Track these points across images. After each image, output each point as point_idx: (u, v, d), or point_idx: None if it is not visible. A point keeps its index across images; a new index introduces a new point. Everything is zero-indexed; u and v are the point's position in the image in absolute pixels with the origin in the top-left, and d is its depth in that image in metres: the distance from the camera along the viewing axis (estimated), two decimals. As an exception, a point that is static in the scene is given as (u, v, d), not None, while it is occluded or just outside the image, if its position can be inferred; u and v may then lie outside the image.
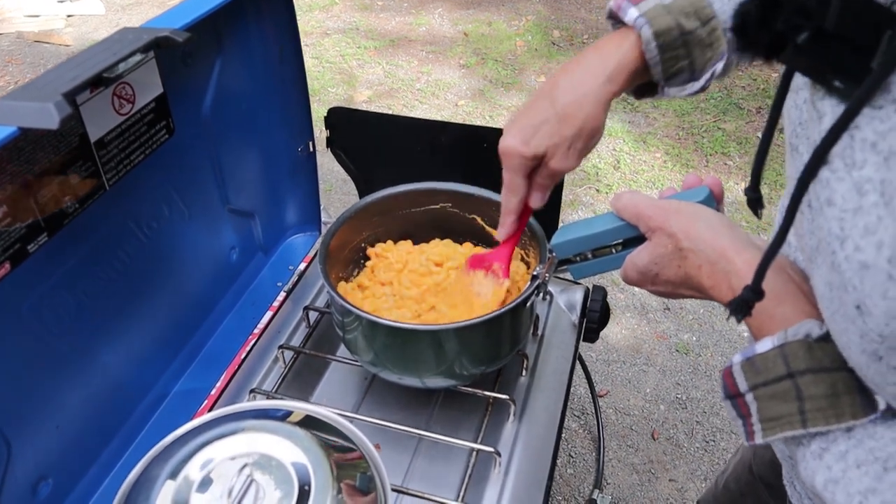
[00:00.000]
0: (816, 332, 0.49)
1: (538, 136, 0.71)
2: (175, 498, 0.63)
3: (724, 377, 0.55)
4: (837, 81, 0.42)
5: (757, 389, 0.51)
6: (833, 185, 0.41)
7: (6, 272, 0.66)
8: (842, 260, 0.41)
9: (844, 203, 0.41)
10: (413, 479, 0.86)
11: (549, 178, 0.77)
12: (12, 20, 4.26)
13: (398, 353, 0.85)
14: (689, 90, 0.73)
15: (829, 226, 0.42)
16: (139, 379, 0.90)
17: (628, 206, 0.64)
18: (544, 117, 0.71)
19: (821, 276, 0.45)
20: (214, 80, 0.91)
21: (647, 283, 0.64)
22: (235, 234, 1.06)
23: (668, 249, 0.60)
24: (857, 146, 0.40)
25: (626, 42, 0.69)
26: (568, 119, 0.71)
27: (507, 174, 0.76)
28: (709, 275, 0.57)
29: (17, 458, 0.72)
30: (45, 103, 0.56)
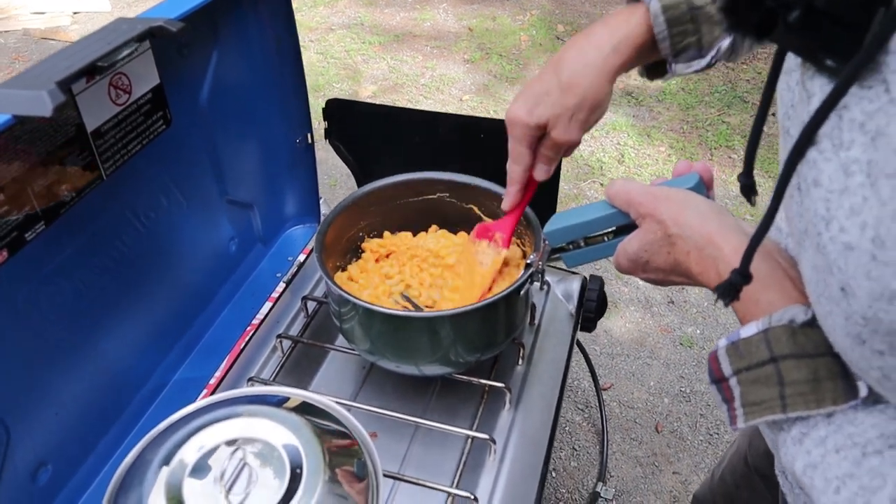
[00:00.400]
0: (801, 318, 0.49)
1: (541, 105, 0.72)
2: (168, 483, 0.64)
3: (709, 361, 0.55)
4: (829, 60, 0.40)
5: (740, 374, 0.52)
6: (820, 165, 0.41)
7: (3, 260, 0.67)
8: (827, 241, 0.40)
9: (831, 184, 0.40)
10: (409, 466, 0.86)
11: (552, 149, 0.77)
12: (18, 17, 4.29)
13: (394, 340, 0.85)
14: (696, 67, 0.73)
15: (816, 207, 0.41)
16: (138, 368, 0.91)
17: (620, 193, 0.65)
18: (548, 87, 0.72)
19: (807, 259, 0.45)
20: (211, 71, 0.92)
21: (639, 271, 0.64)
22: (234, 225, 1.07)
23: (658, 236, 0.60)
24: (844, 126, 0.39)
25: (635, 16, 0.70)
26: (571, 89, 0.71)
27: (512, 143, 0.77)
28: (697, 261, 0.58)
29: (16, 445, 0.73)
30: (38, 91, 0.57)
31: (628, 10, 0.71)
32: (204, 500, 0.62)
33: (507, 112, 0.75)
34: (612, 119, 3.22)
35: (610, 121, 3.21)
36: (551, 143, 0.76)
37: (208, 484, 0.63)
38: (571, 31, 4.00)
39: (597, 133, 3.13)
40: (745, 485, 1.12)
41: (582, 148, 3.04)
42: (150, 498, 0.63)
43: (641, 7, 0.70)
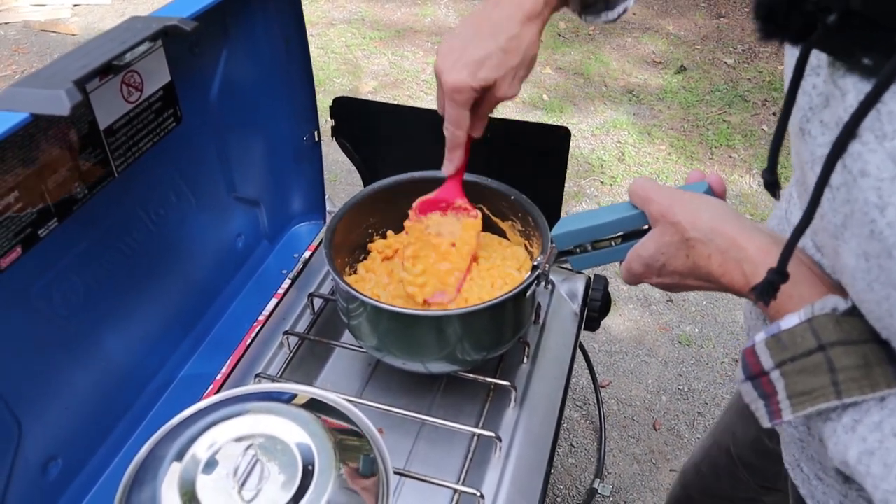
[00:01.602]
0: (843, 307, 0.50)
1: (484, 69, 0.76)
2: (181, 478, 0.65)
3: (745, 357, 0.54)
4: (866, 59, 0.42)
5: (784, 365, 0.51)
6: (866, 156, 0.42)
7: (18, 256, 0.68)
8: (884, 227, 0.42)
9: (880, 172, 0.41)
10: (415, 463, 0.87)
11: (491, 107, 0.82)
12: (19, 9, 4.27)
13: (402, 338, 0.86)
14: (604, 19, 0.82)
15: (866, 196, 0.43)
16: (146, 363, 0.92)
17: (639, 190, 0.64)
18: (488, 52, 0.76)
19: (851, 249, 0.46)
20: (221, 70, 0.92)
21: (653, 275, 0.64)
22: (241, 222, 1.08)
23: (675, 239, 0.60)
24: (884, 119, 0.41)
25: None
26: (512, 51, 0.76)
27: (454, 109, 0.79)
28: (720, 263, 0.58)
29: (27, 439, 0.74)
30: (56, 90, 0.58)
31: None
32: (217, 495, 0.63)
33: (449, 79, 0.76)
34: (613, 117, 3.23)
35: (611, 119, 3.22)
36: (493, 102, 0.81)
37: (221, 479, 0.64)
38: (573, 28, 4.00)
39: (597, 131, 3.14)
40: (727, 475, 1.14)
41: (582, 146, 3.05)
42: (163, 493, 0.63)
43: None
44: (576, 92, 3.45)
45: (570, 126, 1.17)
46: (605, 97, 3.40)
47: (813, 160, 0.52)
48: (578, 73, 3.60)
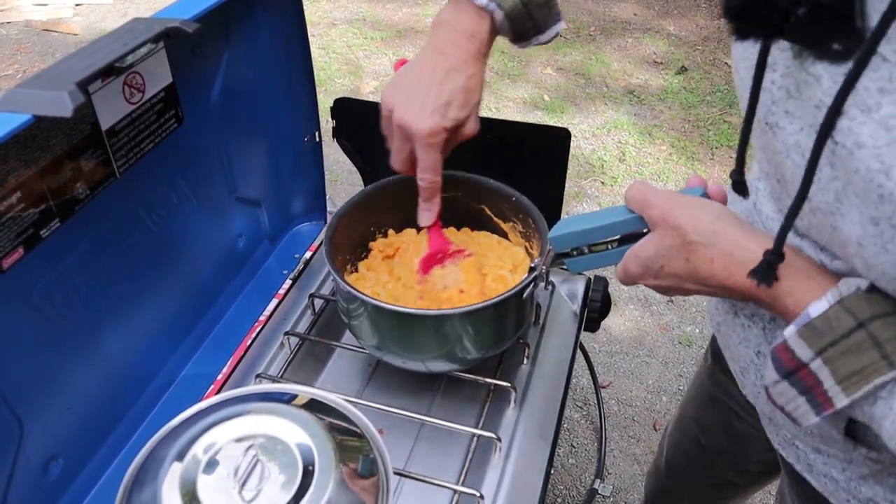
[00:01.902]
0: (865, 285, 0.51)
1: (452, 109, 0.79)
2: (182, 478, 0.65)
3: (777, 354, 0.54)
4: (836, 45, 0.46)
5: (825, 352, 0.51)
6: (856, 129, 0.46)
7: (20, 256, 0.68)
8: (893, 188, 0.45)
9: (876, 141, 0.45)
10: (415, 464, 0.88)
11: (456, 143, 0.84)
12: (21, 8, 4.28)
13: (402, 336, 0.87)
14: (536, 42, 0.85)
15: (868, 164, 0.46)
16: (147, 363, 0.92)
17: (635, 195, 0.65)
18: (452, 93, 0.79)
19: (854, 220, 0.49)
20: (223, 71, 0.93)
21: (650, 277, 0.64)
22: (242, 223, 1.08)
23: (676, 242, 0.60)
24: (863, 94, 0.45)
25: (484, 23, 0.79)
26: (472, 89, 0.80)
27: (429, 155, 0.81)
28: (723, 266, 0.58)
29: (28, 438, 0.74)
30: (58, 92, 0.58)
31: (476, 18, 0.79)
32: (217, 495, 0.63)
33: (422, 126, 0.78)
34: (614, 118, 3.23)
35: (612, 119, 3.22)
36: (457, 141, 0.83)
37: (221, 479, 0.64)
38: (574, 28, 4.01)
39: (598, 132, 3.14)
40: (702, 465, 1.18)
41: (583, 146, 3.05)
42: (164, 493, 0.64)
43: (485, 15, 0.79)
44: (577, 92, 3.45)
45: (570, 126, 1.18)
46: (606, 97, 3.40)
47: (787, 149, 0.55)
48: (579, 73, 3.60)
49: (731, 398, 1.06)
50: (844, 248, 0.53)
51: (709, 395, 1.11)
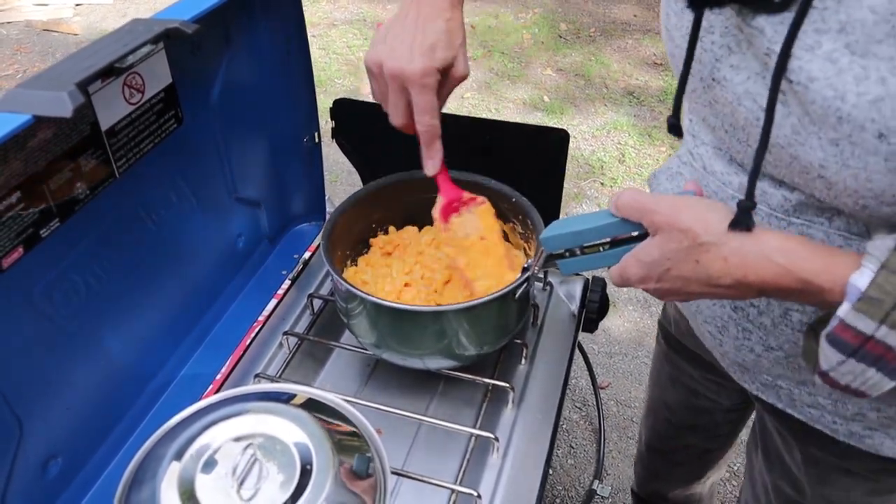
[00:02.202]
0: (892, 243, 0.53)
1: (439, 50, 0.78)
2: (180, 477, 0.65)
3: (837, 335, 0.54)
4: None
5: (888, 317, 0.51)
6: (806, 66, 0.53)
7: (20, 256, 0.68)
8: (850, 108, 0.51)
9: (825, 73, 0.52)
10: (413, 463, 0.88)
11: (450, 90, 0.84)
12: (21, 8, 4.28)
13: (401, 333, 0.87)
14: None
15: (823, 94, 0.52)
16: (146, 362, 0.92)
17: (630, 203, 0.64)
18: (436, 35, 0.78)
19: (813, 145, 0.56)
20: (222, 71, 0.93)
21: (651, 281, 0.64)
22: (242, 223, 1.08)
23: (684, 245, 0.60)
24: (804, 37, 0.53)
25: None
26: (454, 31, 0.80)
27: (424, 97, 0.80)
28: (738, 263, 0.58)
29: (28, 437, 0.74)
30: (58, 92, 0.58)
31: None
32: (216, 494, 0.63)
33: (412, 68, 0.77)
34: (614, 118, 3.24)
35: (611, 120, 3.23)
36: (453, 83, 0.83)
37: (220, 479, 0.64)
38: (574, 29, 4.01)
39: (598, 132, 3.15)
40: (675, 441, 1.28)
41: (583, 147, 3.05)
42: (162, 492, 0.64)
43: None
44: (576, 93, 3.45)
45: (570, 127, 1.18)
46: (606, 99, 3.40)
47: (737, 98, 0.62)
48: (579, 74, 3.60)
49: (687, 376, 1.14)
50: (805, 174, 0.59)
51: (668, 377, 1.19)
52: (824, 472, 0.87)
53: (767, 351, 0.76)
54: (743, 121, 0.63)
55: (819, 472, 0.87)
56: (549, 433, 0.91)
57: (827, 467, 0.86)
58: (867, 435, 0.77)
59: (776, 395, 0.83)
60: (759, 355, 0.77)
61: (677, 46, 0.68)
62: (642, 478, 1.49)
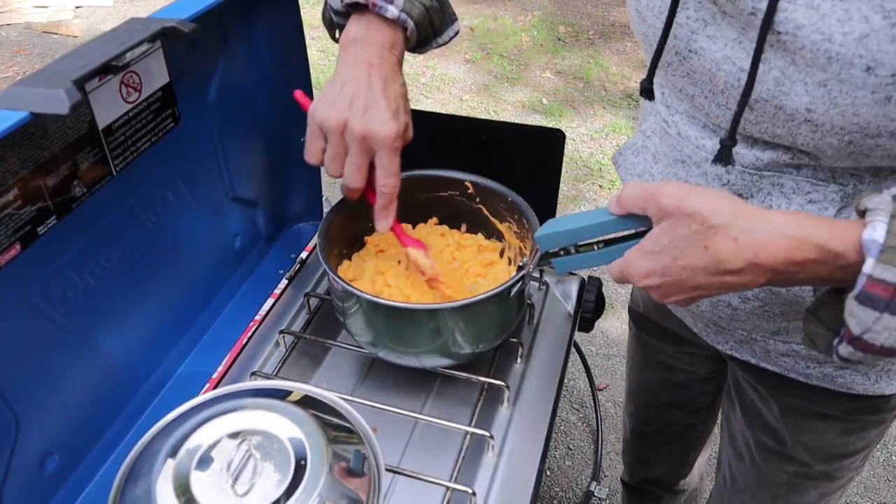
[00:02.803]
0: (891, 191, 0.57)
1: (400, 115, 0.82)
2: (176, 473, 0.66)
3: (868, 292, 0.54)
4: None
5: None
6: (791, 16, 0.57)
7: (16, 253, 0.69)
8: (838, 48, 0.55)
9: (811, 19, 0.56)
10: (408, 461, 0.88)
11: None
12: (21, 10, 4.30)
13: (396, 331, 0.88)
14: (434, 46, 0.90)
15: (811, 38, 0.57)
16: (143, 360, 0.93)
17: (636, 192, 0.64)
18: (396, 100, 0.82)
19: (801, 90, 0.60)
20: (219, 71, 0.93)
21: (656, 275, 0.63)
22: (239, 222, 1.09)
23: (692, 229, 0.59)
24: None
25: (398, 35, 0.83)
26: (405, 96, 0.85)
27: (394, 160, 0.83)
28: (749, 242, 0.58)
29: (24, 434, 0.74)
30: (55, 90, 0.59)
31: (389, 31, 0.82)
32: (210, 490, 0.64)
33: (383, 132, 0.80)
34: (612, 121, 3.24)
35: (609, 123, 3.23)
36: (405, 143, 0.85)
37: (214, 474, 0.65)
38: (573, 32, 4.02)
39: (596, 135, 3.15)
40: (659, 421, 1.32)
41: (581, 149, 3.06)
42: (157, 487, 0.64)
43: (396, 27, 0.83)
44: (575, 96, 3.46)
45: (568, 130, 1.18)
46: (605, 101, 3.41)
47: (716, 64, 0.67)
48: (578, 77, 3.61)
49: (662, 353, 1.18)
50: (790, 121, 0.63)
51: (643, 359, 1.24)
52: (801, 419, 0.93)
53: (744, 302, 0.80)
54: (723, 84, 0.67)
55: (796, 420, 0.94)
56: (544, 432, 0.91)
57: (803, 415, 0.93)
58: (839, 375, 0.84)
59: (750, 351, 0.89)
60: (735, 308, 0.81)
61: (650, 26, 0.73)
62: (631, 466, 1.52)
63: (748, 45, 0.64)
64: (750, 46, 0.63)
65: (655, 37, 0.72)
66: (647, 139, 0.86)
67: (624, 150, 0.91)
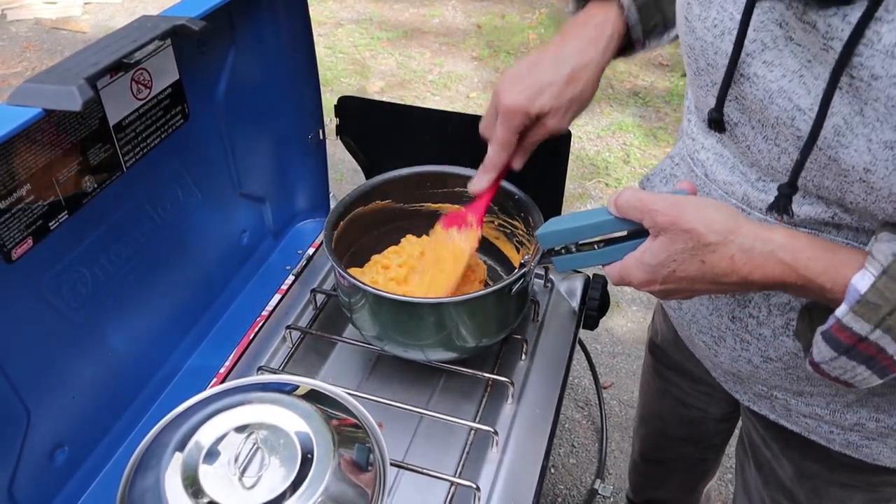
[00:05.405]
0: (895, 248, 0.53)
1: (544, 96, 0.76)
2: (184, 465, 0.66)
3: (832, 334, 0.55)
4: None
5: (884, 321, 0.53)
6: (867, 62, 0.49)
7: (29, 247, 0.70)
8: None
9: (888, 70, 0.49)
10: (413, 456, 0.89)
11: (540, 137, 0.82)
12: (31, 6, 4.31)
13: (402, 324, 0.89)
14: (667, 39, 0.80)
15: (888, 93, 0.49)
16: (151, 354, 0.94)
17: (631, 202, 0.63)
18: (551, 79, 0.76)
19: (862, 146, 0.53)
20: (228, 68, 0.94)
21: (656, 284, 0.64)
22: (246, 218, 1.09)
23: (689, 245, 0.59)
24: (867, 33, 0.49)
25: (611, 13, 0.76)
26: (573, 83, 0.77)
27: (504, 131, 0.79)
28: (745, 262, 0.58)
29: (35, 426, 0.75)
30: (68, 86, 0.59)
31: (602, 9, 0.77)
32: (218, 481, 0.64)
33: (507, 100, 0.77)
34: (619, 119, 3.24)
35: (616, 121, 3.23)
36: (543, 132, 0.81)
37: (222, 467, 0.66)
38: (580, 30, 4.01)
39: (602, 133, 3.15)
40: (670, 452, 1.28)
41: (587, 147, 3.06)
42: (166, 479, 0.65)
43: (613, 5, 0.76)
44: (582, 94, 3.45)
45: (575, 128, 1.19)
46: (612, 99, 3.41)
47: (769, 96, 0.59)
48: (585, 75, 3.60)
49: (677, 387, 1.13)
50: (841, 177, 0.56)
51: (658, 389, 1.18)
52: (820, 485, 0.86)
53: (766, 362, 0.75)
54: (773, 120, 0.60)
55: (815, 485, 0.86)
56: (548, 428, 0.92)
57: (823, 481, 0.85)
58: (864, 445, 0.76)
59: (770, 406, 0.81)
60: (756, 366, 0.76)
61: (698, 38, 0.64)
62: (638, 486, 1.49)
63: (811, 81, 0.55)
64: (813, 83, 0.55)
65: (703, 51, 0.64)
66: (675, 167, 0.80)
67: (652, 176, 0.85)
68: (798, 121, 0.56)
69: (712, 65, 0.64)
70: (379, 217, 1.07)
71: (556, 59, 0.76)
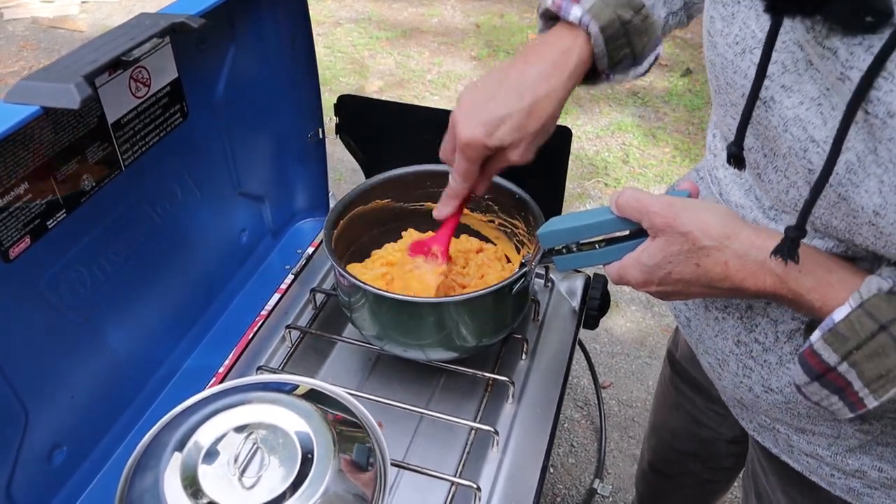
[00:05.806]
0: (886, 286, 0.52)
1: (503, 128, 0.73)
2: (183, 464, 0.66)
3: (805, 358, 0.55)
4: (869, 17, 0.46)
5: (851, 355, 0.52)
6: (885, 97, 0.46)
7: (27, 246, 0.69)
8: None
9: None
10: (413, 455, 0.89)
11: (500, 169, 0.80)
12: (27, 5, 4.30)
13: (402, 324, 0.89)
14: (633, 74, 0.77)
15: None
16: (151, 354, 0.93)
17: (630, 202, 0.63)
18: (510, 110, 0.72)
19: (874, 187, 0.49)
20: (227, 66, 0.94)
21: (653, 284, 0.64)
22: (246, 218, 1.09)
23: (685, 248, 0.59)
24: (889, 66, 0.45)
25: (578, 39, 0.72)
26: (535, 115, 0.73)
27: (464, 163, 0.77)
28: (739, 268, 0.58)
29: (33, 426, 0.75)
30: (66, 84, 0.59)
31: (568, 34, 0.73)
32: (218, 481, 0.64)
33: (462, 133, 0.74)
34: (618, 119, 3.24)
35: (616, 121, 3.23)
36: (504, 164, 0.78)
37: (222, 466, 0.65)
38: (578, 30, 4.01)
39: (602, 133, 3.15)
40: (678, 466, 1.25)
41: (587, 148, 3.06)
42: (165, 479, 0.65)
43: (579, 31, 0.72)
44: (581, 94, 3.45)
45: (574, 128, 1.18)
46: (611, 99, 3.41)
47: (784, 123, 0.55)
48: (584, 74, 3.60)
49: (691, 403, 1.10)
50: (851, 218, 0.53)
51: (673, 403, 1.16)
52: None
53: (767, 392, 0.72)
54: (786, 149, 0.56)
55: None
56: (548, 428, 0.91)
57: None
58: (866, 493, 0.73)
59: (773, 439, 0.79)
60: (757, 396, 0.74)
61: (720, 55, 0.61)
62: (644, 495, 1.47)
63: (828, 111, 0.52)
64: (830, 114, 0.52)
65: (724, 69, 0.61)
66: (699, 181, 0.78)
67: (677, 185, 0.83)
68: (811, 153, 0.53)
69: (731, 84, 0.61)
70: (379, 216, 1.06)
71: (518, 85, 0.72)
